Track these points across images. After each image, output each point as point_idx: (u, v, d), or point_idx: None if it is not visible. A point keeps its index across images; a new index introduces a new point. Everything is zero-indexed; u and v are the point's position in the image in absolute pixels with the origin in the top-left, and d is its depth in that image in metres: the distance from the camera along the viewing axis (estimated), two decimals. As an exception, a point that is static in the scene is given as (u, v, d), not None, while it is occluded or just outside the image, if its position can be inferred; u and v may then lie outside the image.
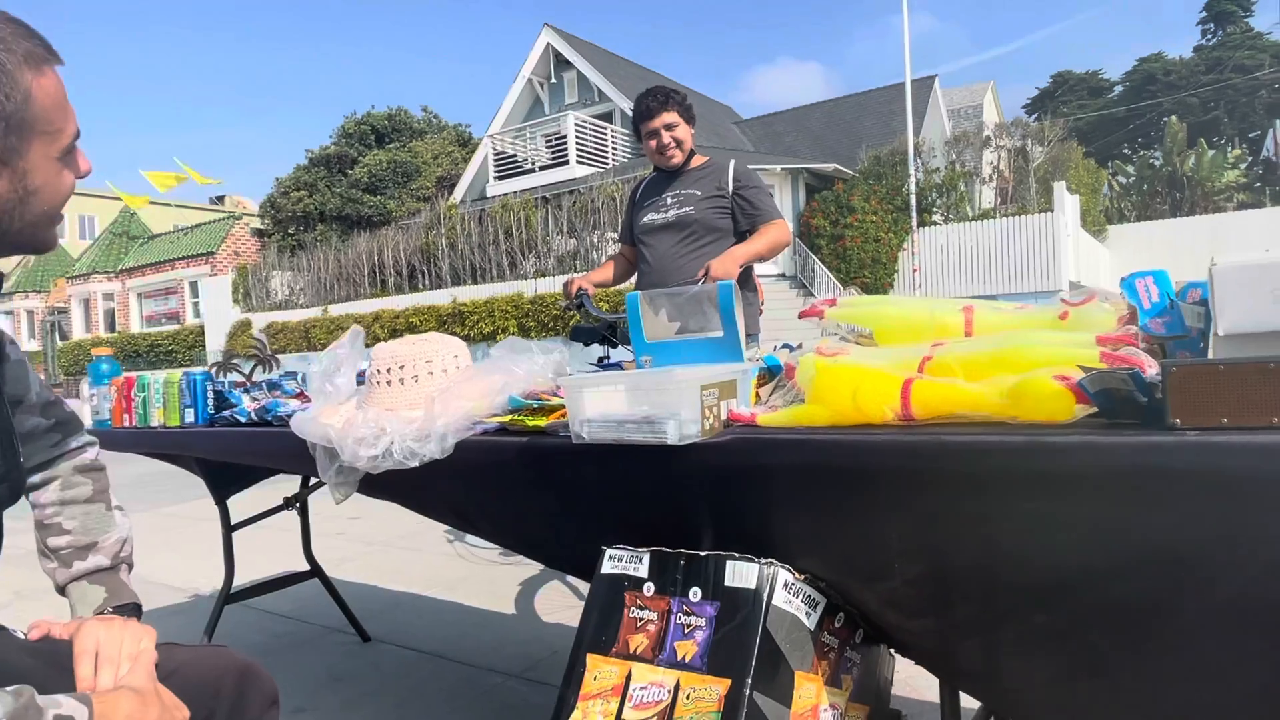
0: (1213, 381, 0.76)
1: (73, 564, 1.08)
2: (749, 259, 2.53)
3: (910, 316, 1.16)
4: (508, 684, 2.22)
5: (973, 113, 21.95)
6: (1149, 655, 0.87)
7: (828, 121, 19.34)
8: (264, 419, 1.73)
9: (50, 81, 0.84)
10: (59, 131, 0.85)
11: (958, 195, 14.92)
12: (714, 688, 0.96)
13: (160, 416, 1.96)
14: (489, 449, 1.27)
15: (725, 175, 2.66)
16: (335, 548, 3.90)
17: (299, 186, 22.87)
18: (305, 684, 2.30)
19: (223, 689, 0.99)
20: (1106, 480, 0.78)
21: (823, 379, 1.02)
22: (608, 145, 18.02)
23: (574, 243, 15.09)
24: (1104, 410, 0.85)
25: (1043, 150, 15.78)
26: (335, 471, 1.41)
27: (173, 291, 23.64)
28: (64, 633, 0.99)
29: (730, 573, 1.03)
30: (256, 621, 2.89)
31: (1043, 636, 0.94)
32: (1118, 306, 1.06)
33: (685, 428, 1.03)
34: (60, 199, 0.86)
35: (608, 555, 1.14)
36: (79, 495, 1.11)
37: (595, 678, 1.06)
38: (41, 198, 0.84)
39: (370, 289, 17.62)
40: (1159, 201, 21.85)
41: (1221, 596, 0.79)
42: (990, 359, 0.95)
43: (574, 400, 1.12)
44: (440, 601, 3.03)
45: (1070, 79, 34.25)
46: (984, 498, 0.86)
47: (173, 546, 4.17)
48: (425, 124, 25.37)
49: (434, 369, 1.42)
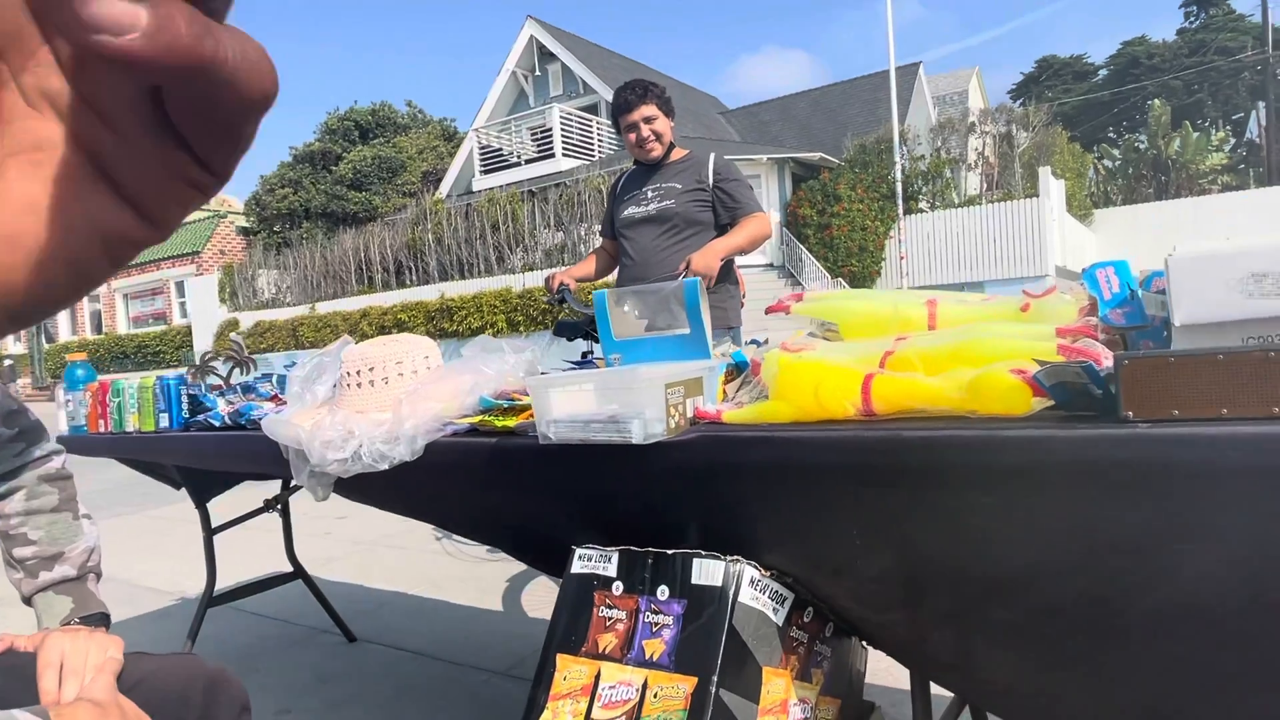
0: (1164, 374, 0.76)
1: (39, 574, 1.07)
2: (730, 252, 2.53)
3: (874, 311, 1.16)
4: (493, 681, 2.22)
5: (958, 99, 21.98)
6: (1108, 646, 0.87)
7: (813, 110, 19.33)
8: (238, 423, 1.72)
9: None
10: None
11: (943, 182, 14.96)
12: (681, 686, 0.97)
13: (135, 421, 1.95)
14: (460, 450, 1.26)
15: (705, 168, 2.66)
16: (322, 548, 3.89)
17: (283, 184, 22.73)
18: (291, 686, 2.30)
19: (191, 697, 0.99)
20: (1059, 473, 0.78)
21: (786, 375, 1.02)
22: (593, 137, 17.96)
23: (561, 236, 15.05)
24: (1060, 403, 0.85)
25: (1028, 136, 15.82)
26: (308, 475, 1.40)
27: (159, 292, 23.48)
28: (29, 645, 0.98)
29: (697, 570, 1.03)
30: (243, 624, 2.88)
31: (1006, 628, 0.94)
32: (1079, 298, 1.07)
33: (650, 426, 1.03)
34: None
35: (577, 555, 1.14)
36: (45, 505, 1.11)
37: (565, 678, 1.06)
38: None
39: (357, 286, 17.54)
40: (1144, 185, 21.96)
41: (1177, 588, 0.79)
42: (949, 353, 0.95)
43: (540, 401, 1.12)
44: (427, 600, 3.03)
45: (1055, 64, 34.30)
46: (942, 492, 0.87)
47: (159, 550, 4.15)
48: (409, 119, 25.22)
49: (404, 370, 1.42)
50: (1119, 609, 0.84)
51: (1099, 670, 0.91)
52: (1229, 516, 0.73)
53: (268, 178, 23.28)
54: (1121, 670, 0.89)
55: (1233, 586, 0.76)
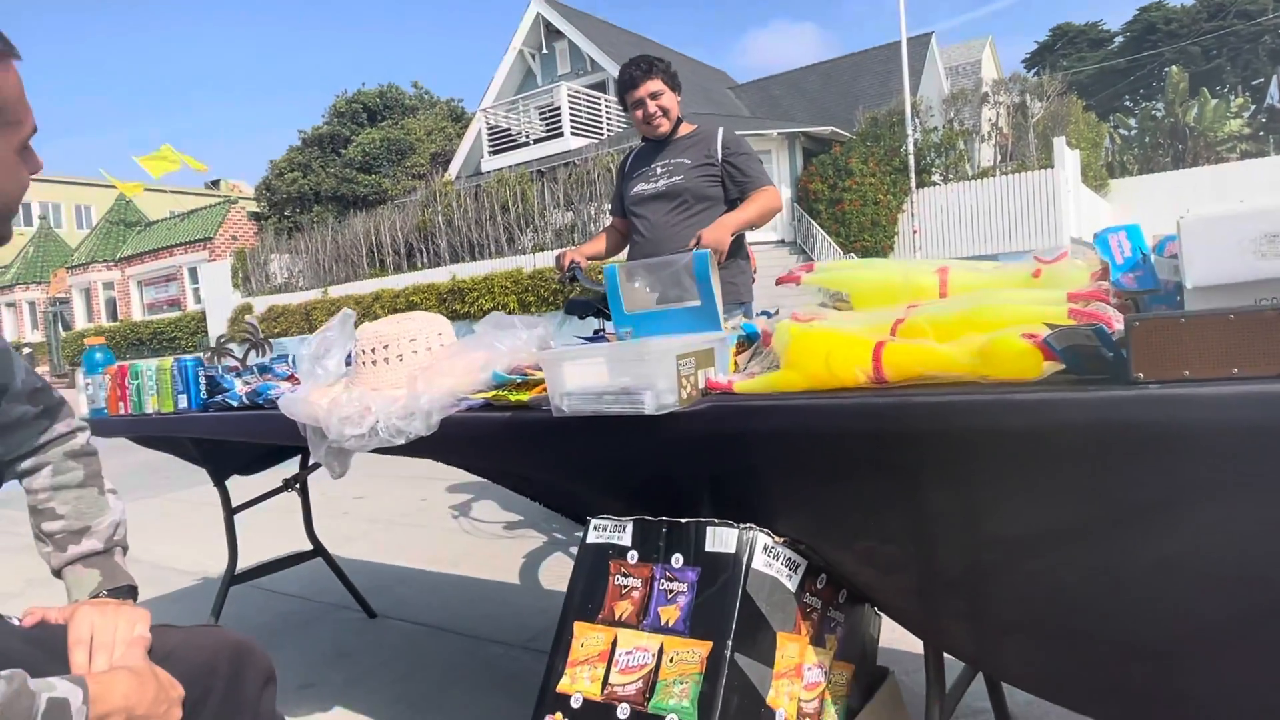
0: (1175, 334, 0.76)
1: (67, 548, 1.09)
2: (740, 226, 2.52)
3: (885, 280, 1.16)
4: (510, 654, 2.25)
5: (971, 70, 21.66)
6: (1119, 608, 0.88)
7: (824, 83, 19.11)
8: (255, 402, 1.75)
9: (11, 75, 0.85)
10: (19, 124, 0.86)
11: (956, 154, 14.79)
12: (696, 650, 0.98)
13: (155, 403, 1.98)
14: (474, 425, 1.28)
15: (714, 142, 2.64)
16: (341, 527, 3.94)
17: (293, 168, 22.73)
18: (312, 660, 2.34)
19: (219, 667, 1.01)
20: (1070, 436, 0.78)
21: (797, 345, 1.02)
22: (602, 115, 17.84)
23: (571, 215, 15.00)
24: (1071, 367, 0.86)
25: (1042, 105, 15.60)
26: (325, 451, 1.43)
27: (172, 278, 23.62)
28: (59, 617, 1.01)
29: (710, 538, 1.04)
30: (264, 601, 2.93)
31: (1016, 593, 0.95)
32: (1091, 263, 1.06)
33: (662, 397, 1.04)
34: (18, 191, 0.88)
35: (592, 525, 1.16)
36: (71, 480, 1.13)
37: (582, 644, 1.08)
38: (2, 189, 0.85)
39: (369, 269, 17.58)
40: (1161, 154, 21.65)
41: (1191, 549, 0.80)
42: (961, 319, 0.95)
43: (553, 374, 1.13)
44: (444, 576, 3.07)
45: (1070, 31, 33.71)
46: (952, 457, 0.87)
47: (180, 531, 4.22)
48: (417, 100, 25.12)
49: (418, 347, 1.43)
50: (1131, 572, 0.85)
51: (1110, 634, 0.92)
52: (1241, 475, 0.73)
53: (277, 162, 23.30)
54: (1133, 633, 0.90)
55: (1246, 546, 0.77)
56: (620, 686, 1.01)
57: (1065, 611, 0.93)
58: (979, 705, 1.68)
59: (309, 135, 23.35)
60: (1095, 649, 0.94)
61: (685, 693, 0.96)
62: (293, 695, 2.09)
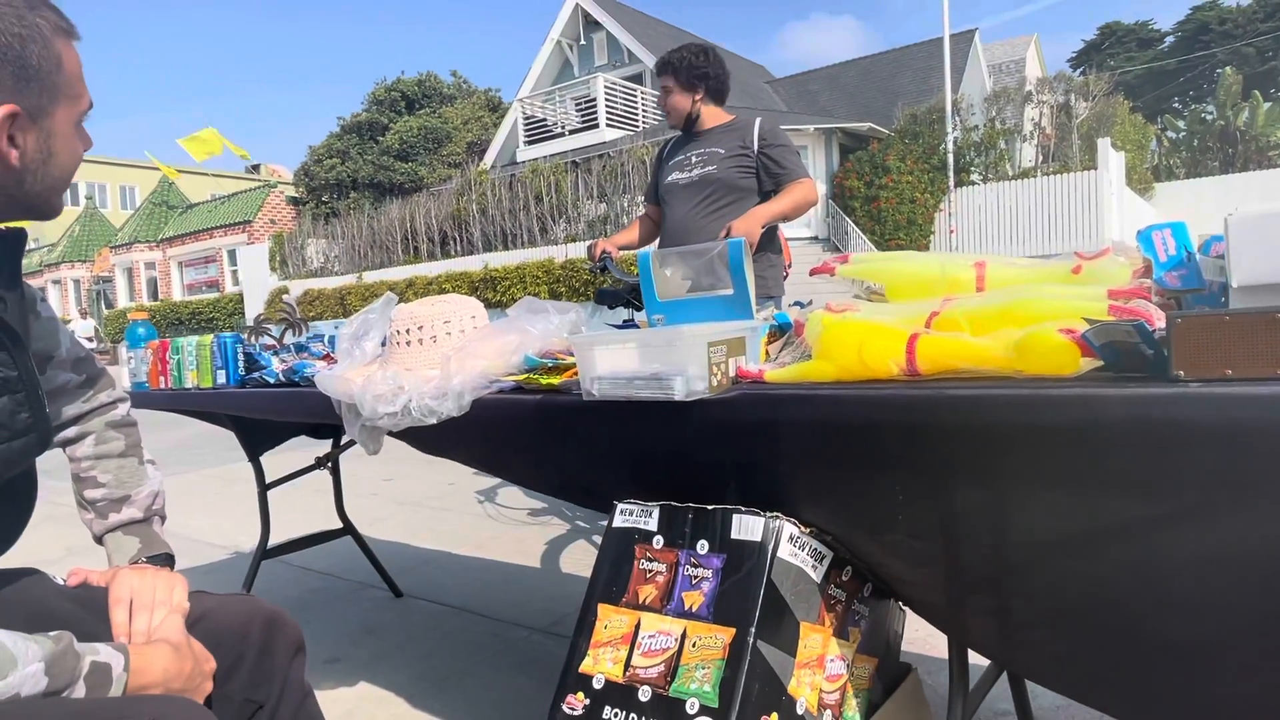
0: (1218, 332, 0.75)
1: (108, 516, 1.13)
2: (772, 219, 2.51)
3: (921, 272, 1.15)
4: (533, 638, 2.28)
5: (1014, 68, 21.26)
6: (1154, 608, 0.87)
7: (863, 79, 18.89)
8: (292, 380, 1.78)
9: (72, 53, 0.88)
10: (78, 98, 0.89)
11: (997, 153, 14.53)
12: (719, 636, 0.99)
13: (194, 378, 2.02)
14: (505, 407, 1.29)
15: (751, 132, 2.63)
16: (369, 508, 4.00)
17: (332, 154, 23.03)
18: (339, 636, 2.39)
19: (251, 633, 1.03)
20: (1108, 433, 0.77)
21: (829, 335, 1.02)
22: (638, 107, 17.82)
23: (604, 207, 15.01)
24: (1109, 363, 0.84)
25: (1087, 106, 15.26)
26: (360, 428, 1.45)
27: (211, 260, 24.06)
28: (101, 580, 1.04)
29: (736, 526, 1.04)
30: (293, 577, 2.99)
31: (1048, 591, 0.94)
32: (1133, 260, 1.04)
33: (692, 384, 1.04)
34: (73, 165, 0.91)
35: (618, 509, 1.16)
36: (112, 450, 1.16)
37: (606, 626, 1.09)
38: (60, 161, 0.88)
39: (404, 256, 17.75)
40: (1210, 158, 21.09)
41: (1226, 548, 0.78)
42: (997, 313, 0.94)
43: (584, 358, 1.14)
44: (469, 559, 3.10)
45: (1118, 30, 32.95)
46: (985, 451, 0.86)
47: (213, 507, 4.31)
48: (455, 89, 25.29)
49: (451, 329, 1.44)
50: (1167, 571, 0.83)
51: (1143, 636, 0.91)
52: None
53: (316, 148, 23.61)
54: (1167, 636, 0.88)
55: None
56: (643, 669, 1.02)
57: (1097, 610, 0.92)
58: (1002, 708, 1.67)
59: (348, 122, 23.63)
60: (1127, 648, 0.93)
61: (707, 677, 0.97)
62: (319, 669, 2.13)
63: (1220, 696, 0.87)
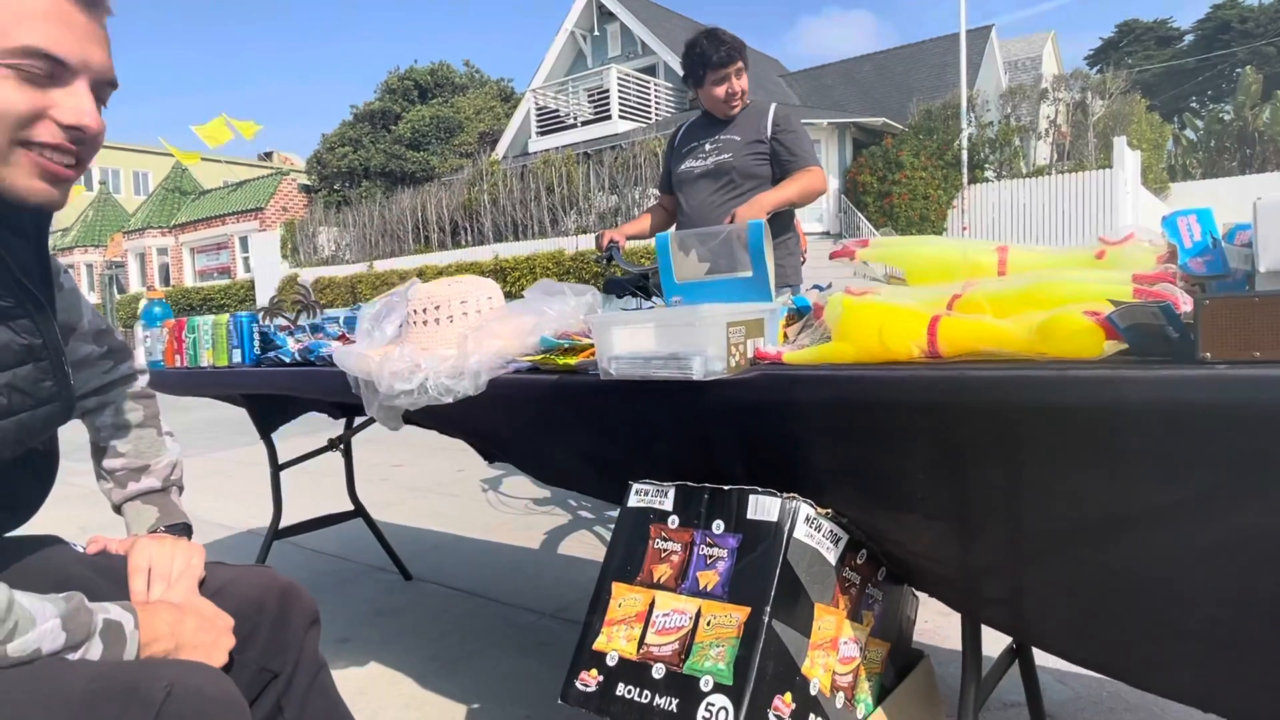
0: (1246, 314, 0.74)
1: (127, 485, 1.14)
2: (778, 205, 2.48)
3: (943, 257, 1.14)
4: (541, 622, 2.28)
5: (1031, 65, 21.10)
6: (1176, 588, 0.86)
7: (878, 74, 18.78)
8: (306, 359, 1.79)
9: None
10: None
11: (1012, 151, 14.43)
12: (734, 615, 0.99)
13: (210, 357, 2.04)
14: (521, 386, 1.29)
15: (765, 120, 2.61)
16: (380, 493, 4.02)
17: (344, 142, 23.07)
18: (350, 617, 2.40)
19: (267, 603, 1.04)
20: (1133, 415, 0.77)
21: (849, 317, 1.01)
22: (650, 99, 17.77)
23: (615, 199, 15.00)
24: (1135, 346, 0.84)
25: (1103, 104, 15.14)
26: (378, 407, 1.45)
27: (223, 246, 24.14)
28: (120, 548, 1.05)
29: (752, 506, 1.04)
30: (304, 559, 3.01)
31: (1068, 569, 0.94)
32: (1158, 246, 1.04)
33: (711, 364, 1.04)
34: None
35: (634, 489, 1.16)
36: (131, 420, 1.17)
37: (620, 604, 1.09)
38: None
39: (415, 245, 17.78)
40: (1227, 158, 20.89)
41: (1249, 531, 0.78)
42: (1020, 296, 0.93)
43: (602, 337, 1.14)
44: (478, 544, 3.12)
45: (1136, 28, 32.64)
46: (1006, 434, 0.86)
47: (226, 489, 4.34)
48: (468, 79, 25.28)
49: (468, 309, 1.45)
50: (1189, 553, 0.83)
51: (1163, 615, 0.90)
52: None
53: (329, 136, 23.66)
54: (1187, 614, 0.88)
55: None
56: (656, 647, 1.02)
57: (1118, 589, 0.92)
58: (1011, 699, 1.67)
59: (360, 111, 23.67)
60: (1148, 629, 0.92)
61: (721, 656, 0.97)
62: (331, 648, 2.14)
63: (1235, 671, 0.86)
